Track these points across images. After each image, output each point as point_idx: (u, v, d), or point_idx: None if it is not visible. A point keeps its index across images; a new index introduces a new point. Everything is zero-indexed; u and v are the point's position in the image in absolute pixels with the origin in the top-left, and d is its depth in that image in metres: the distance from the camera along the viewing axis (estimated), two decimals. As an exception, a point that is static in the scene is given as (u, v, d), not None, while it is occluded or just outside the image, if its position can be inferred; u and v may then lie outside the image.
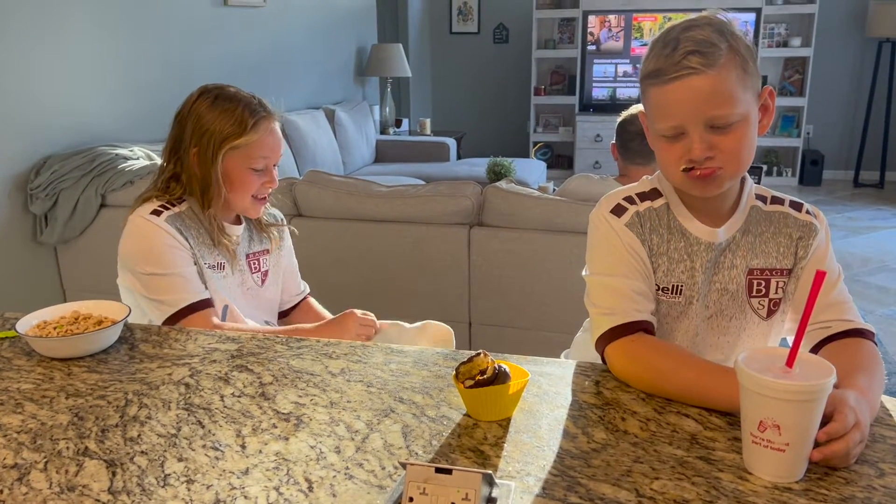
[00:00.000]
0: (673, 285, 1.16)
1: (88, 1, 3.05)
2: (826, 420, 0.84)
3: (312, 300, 1.82)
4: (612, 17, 6.47)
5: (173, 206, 1.48)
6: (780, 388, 0.79)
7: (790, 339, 1.22)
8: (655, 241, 1.16)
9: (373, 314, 1.60)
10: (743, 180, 1.18)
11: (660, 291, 1.17)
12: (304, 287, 1.81)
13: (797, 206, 1.19)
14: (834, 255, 1.20)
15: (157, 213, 1.45)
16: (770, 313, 1.18)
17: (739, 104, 1.04)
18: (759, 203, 1.18)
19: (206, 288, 1.48)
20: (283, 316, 1.77)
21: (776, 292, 1.17)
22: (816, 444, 0.83)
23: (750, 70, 1.06)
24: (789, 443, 0.81)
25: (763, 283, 1.17)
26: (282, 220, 1.71)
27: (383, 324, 1.61)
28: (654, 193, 1.19)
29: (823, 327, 1.13)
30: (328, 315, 1.77)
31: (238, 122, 1.44)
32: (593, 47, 6.57)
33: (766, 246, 1.16)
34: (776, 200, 1.19)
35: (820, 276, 0.83)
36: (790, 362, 0.83)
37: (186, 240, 1.45)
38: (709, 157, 1.05)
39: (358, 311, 1.58)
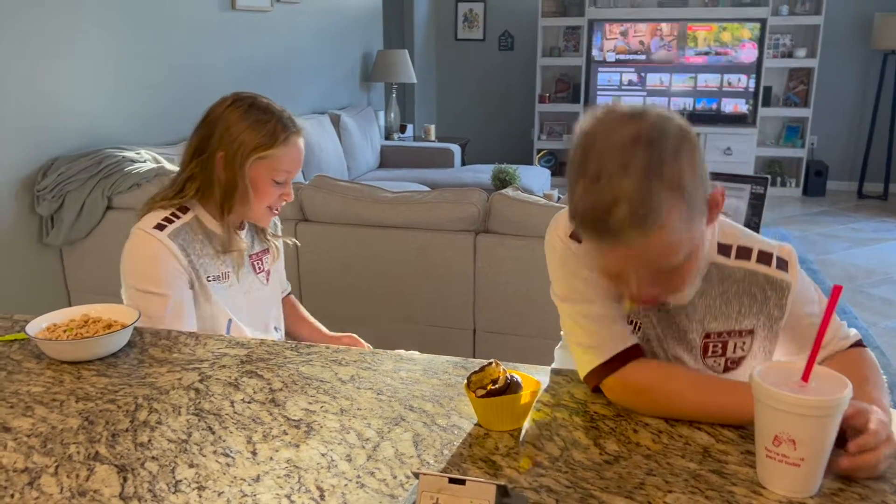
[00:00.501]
0: (631, 320, 1.10)
1: (96, 4, 3.06)
2: (843, 432, 0.84)
3: (294, 299, 1.84)
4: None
5: (178, 217, 1.47)
6: (797, 403, 0.79)
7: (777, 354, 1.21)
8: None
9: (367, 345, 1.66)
10: None
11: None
12: (288, 286, 1.82)
13: (766, 259, 1.08)
14: (808, 282, 1.13)
15: (160, 227, 1.43)
16: (727, 370, 1.12)
17: (685, 246, 0.91)
18: (722, 258, 1.08)
19: (210, 305, 1.49)
20: None
21: (734, 352, 1.11)
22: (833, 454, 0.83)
23: (691, 194, 0.88)
24: (804, 458, 0.80)
25: (720, 346, 1.10)
26: (280, 230, 1.73)
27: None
28: None
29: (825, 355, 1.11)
30: (305, 311, 1.81)
31: (270, 134, 1.46)
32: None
33: (727, 307, 1.08)
34: (742, 253, 1.08)
35: (837, 291, 0.83)
36: (805, 376, 0.83)
37: (188, 255, 1.45)
38: (653, 294, 0.97)
39: (355, 339, 1.66)
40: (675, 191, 0.86)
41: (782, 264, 1.09)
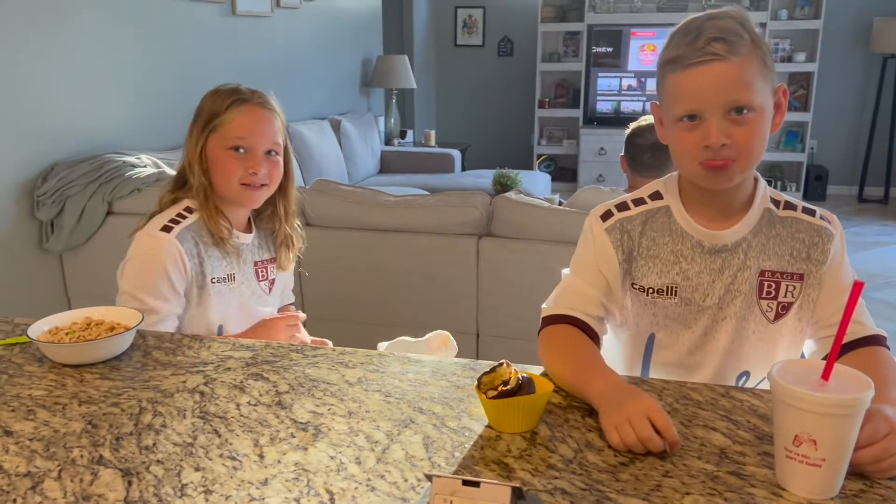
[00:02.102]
0: (667, 286, 1.17)
1: (97, 9, 3.05)
2: None
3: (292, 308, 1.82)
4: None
5: (184, 217, 1.46)
6: (818, 402, 0.77)
7: (806, 348, 1.21)
8: (645, 245, 1.18)
9: (302, 313, 1.66)
10: (756, 181, 1.17)
11: (654, 293, 1.18)
12: (290, 298, 1.80)
13: (810, 212, 1.18)
14: (848, 261, 1.20)
15: (167, 228, 1.43)
16: (777, 317, 1.17)
17: (758, 94, 1.05)
18: (773, 206, 1.17)
19: (204, 309, 1.47)
20: None
21: (785, 296, 1.16)
22: None
23: (769, 64, 1.07)
24: (826, 458, 0.79)
25: (773, 286, 1.16)
26: (302, 240, 1.69)
27: (398, 341, 1.61)
28: (654, 196, 1.21)
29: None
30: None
31: (220, 103, 1.46)
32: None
33: (779, 248, 1.16)
34: (789, 206, 1.19)
35: (858, 287, 0.81)
36: (826, 375, 0.81)
37: (198, 254, 1.44)
38: (724, 145, 1.05)
39: (280, 315, 1.62)
40: (757, 47, 1.05)
41: (825, 218, 1.18)
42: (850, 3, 6.29)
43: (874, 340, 1.12)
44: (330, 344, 1.60)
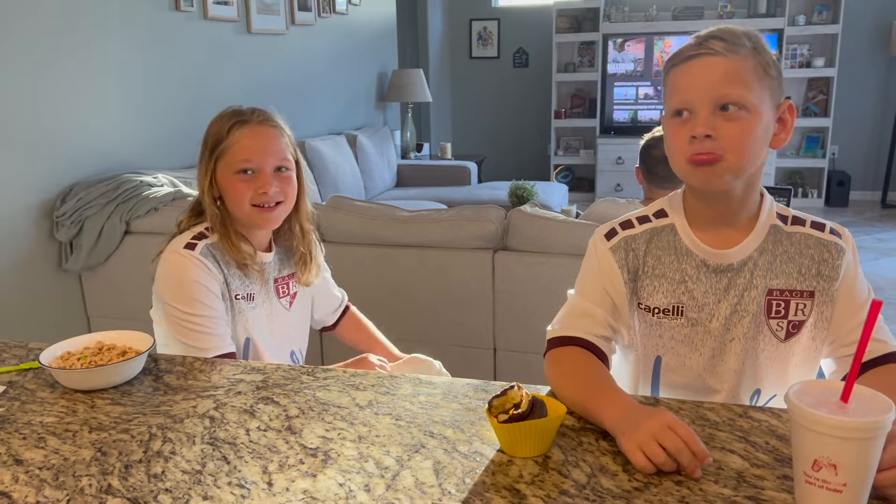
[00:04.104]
0: (673, 306, 1.15)
1: (115, 30, 3.09)
2: None
3: (355, 310, 1.82)
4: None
5: (205, 236, 1.46)
6: (837, 425, 0.75)
7: (825, 366, 1.18)
8: (650, 263, 1.16)
9: (387, 361, 1.62)
10: (762, 197, 1.15)
11: (660, 313, 1.16)
12: (342, 296, 1.79)
13: (820, 227, 1.15)
14: (863, 274, 1.16)
15: (191, 245, 1.43)
16: (788, 335, 1.14)
17: (751, 93, 1.03)
18: (780, 223, 1.15)
19: (232, 321, 1.47)
20: (329, 330, 1.80)
21: (796, 314, 1.13)
22: None
23: (771, 74, 1.06)
24: (847, 483, 0.76)
25: (783, 305, 1.13)
26: (320, 247, 1.68)
27: (414, 357, 1.60)
28: (659, 214, 1.19)
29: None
30: (372, 327, 1.79)
31: (222, 128, 1.45)
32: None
33: (786, 266, 1.13)
34: (797, 221, 1.16)
35: (876, 307, 0.79)
36: (845, 396, 0.79)
37: (222, 270, 1.44)
38: (710, 137, 1.03)
39: (373, 357, 1.59)
40: (757, 54, 1.05)
41: (835, 232, 1.15)
42: (868, 7, 6.22)
43: (895, 357, 1.08)
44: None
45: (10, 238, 2.70)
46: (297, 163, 1.53)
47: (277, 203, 1.47)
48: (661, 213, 1.19)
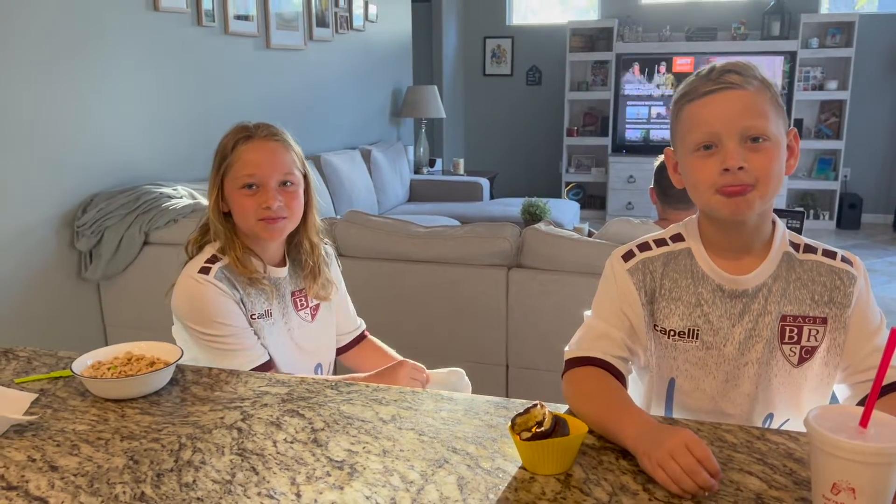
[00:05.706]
0: (688, 329, 1.17)
1: (135, 43, 3.15)
2: None
3: (374, 339, 1.79)
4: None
5: (218, 259, 1.47)
6: (857, 451, 0.77)
7: (839, 392, 1.20)
8: (667, 286, 1.18)
9: (422, 364, 1.61)
10: (775, 224, 1.17)
11: (675, 336, 1.18)
12: (360, 323, 1.78)
13: (831, 255, 1.17)
14: (874, 301, 1.18)
15: (205, 270, 1.44)
16: (801, 361, 1.16)
17: (772, 125, 1.08)
18: (792, 250, 1.17)
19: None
20: (341, 353, 1.76)
21: (809, 340, 1.15)
22: None
23: (779, 104, 1.11)
24: (865, 507, 0.78)
25: (796, 331, 1.15)
26: (334, 257, 1.70)
27: (439, 372, 1.61)
28: (676, 238, 1.21)
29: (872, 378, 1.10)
30: (394, 353, 1.73)
31: (227, 144, 1.48)
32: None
33: (799, 293, 1.15)
34: (809, 249, 1.18)
35: (895, 334, 0.81)
36: (864, 421, 0.81)
37: (238, 291, 1.46)
38: (742, 169, 1.06)
39: (409, 362, 1.59)
40: (767, 88, 1.09)
41: (847, 260, 1.17)
42: (882, 31, 6.25)
43: None
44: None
45: (32, 247, 2.74)
46: (305, 177, 1.53)
47: (281, 217, 1.48)
48: (677, 238, 1.21)
